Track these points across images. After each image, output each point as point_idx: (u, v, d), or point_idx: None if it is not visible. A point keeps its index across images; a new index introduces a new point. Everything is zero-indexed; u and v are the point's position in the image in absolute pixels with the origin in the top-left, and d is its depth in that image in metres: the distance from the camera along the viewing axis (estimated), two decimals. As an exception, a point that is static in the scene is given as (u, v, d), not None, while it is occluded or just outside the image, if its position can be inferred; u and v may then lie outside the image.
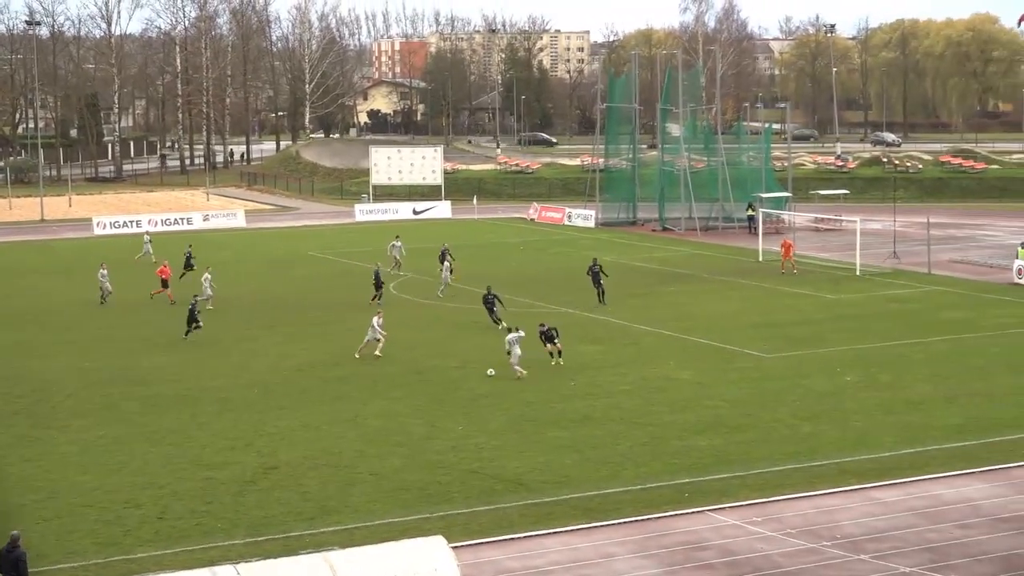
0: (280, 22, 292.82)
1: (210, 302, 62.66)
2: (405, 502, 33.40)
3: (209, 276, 64.12)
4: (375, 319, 52.04)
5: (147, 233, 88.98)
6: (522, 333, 48.36)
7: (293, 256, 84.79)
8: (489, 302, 57.16)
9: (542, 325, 50.43)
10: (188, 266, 71.71)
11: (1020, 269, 69.49)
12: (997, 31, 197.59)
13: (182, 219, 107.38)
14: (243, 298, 67.42)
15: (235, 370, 49.82)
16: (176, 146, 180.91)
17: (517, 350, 47.39)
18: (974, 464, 36.17)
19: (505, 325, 53.74)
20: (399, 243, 76.54)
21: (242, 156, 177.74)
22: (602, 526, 31.61)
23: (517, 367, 47.28)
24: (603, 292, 63.10)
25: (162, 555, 30.04)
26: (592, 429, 40.37)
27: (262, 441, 39.38)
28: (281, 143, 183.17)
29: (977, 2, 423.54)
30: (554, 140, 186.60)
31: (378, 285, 64.11)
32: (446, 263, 68.97)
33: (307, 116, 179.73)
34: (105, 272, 65.56)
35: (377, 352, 51.21)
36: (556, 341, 49.72)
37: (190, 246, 75.51)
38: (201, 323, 55.52)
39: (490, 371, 48.20)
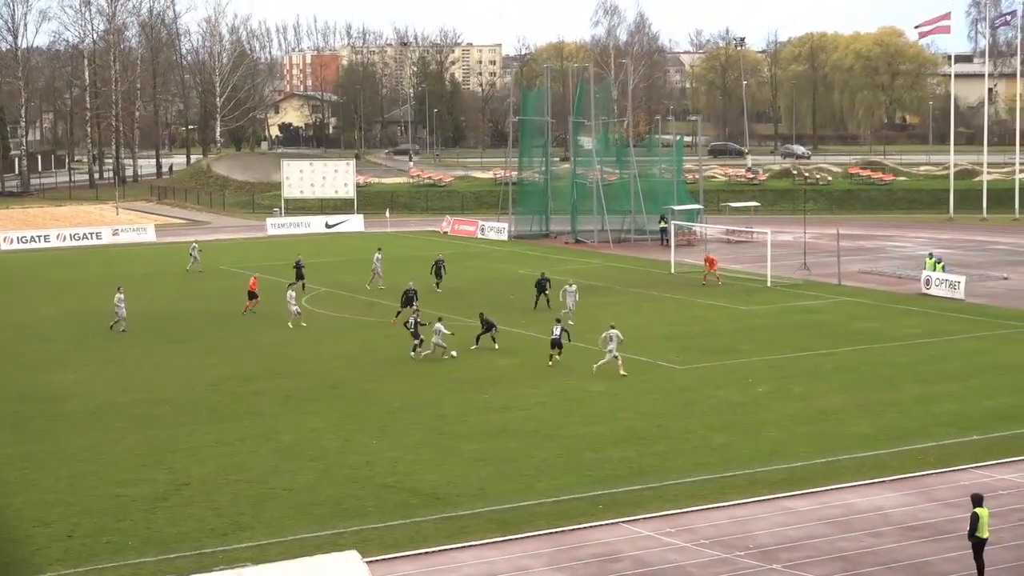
0: (190, 35, 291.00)
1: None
2: (319, 517, 33.24)
3: (121, 296, 61.71)
4: (437, 324, 53.47)
5: (195, 243, 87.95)
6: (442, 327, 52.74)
7: (204, 270, 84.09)
8: (487, 324, 56.15)
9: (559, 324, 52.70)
10: None
11: (928, 279, 70.39)
12: (904, 45, 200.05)
13: (91, 234, 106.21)
14: (154, 313, 66.81)
15: (146, 386, 49.36)
16: (97, 160, 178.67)
17: (437, 339, 52.42)
18: (885, 473, 36.59)
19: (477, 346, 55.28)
20: (379, 255, 75.89)
21: (170, 168, 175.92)
22: (517, 539, 31.64)
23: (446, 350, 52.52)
24: (548, 300, 64.27)
25: (72, 574, 29.72)
26: (507, 442, 40.41)
27: (173, 457, 39.04)
28: (192, 157, 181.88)
29: (883, 16, 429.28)
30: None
31: (409, 302, 61.37)
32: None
33: (218, 129, 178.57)
34: (122, 296, 61.36)
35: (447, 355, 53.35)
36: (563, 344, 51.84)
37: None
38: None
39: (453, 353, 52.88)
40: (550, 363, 51.64)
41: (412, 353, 53.77)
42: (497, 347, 54.95)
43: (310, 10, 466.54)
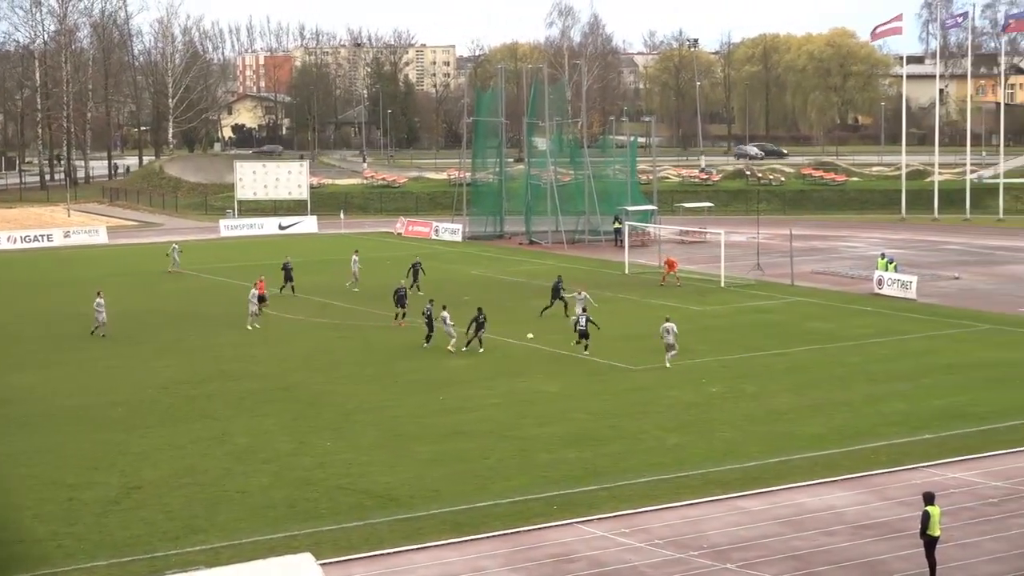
0: (142, 36, 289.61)
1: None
2: (273, 520, 33.16)
3: (101, 300, 60.53)
4: (442, 313, 54.74)
5: (175, 243, 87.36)
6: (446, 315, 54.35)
7: (157, 272, 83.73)
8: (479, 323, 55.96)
9: (584, 314, 54.83)
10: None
11: (880, 280, 70.82)
12: (855, 46, 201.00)
13: (42, 236, 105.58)
14: (108, 315, 66.41)
15: (99, 388, 49.11)
16: (48, 161, 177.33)
17: (448, 328, 53.85)
18: (836, 472, 36.80)
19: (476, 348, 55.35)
20: (356, 257, 75.81)
21: (127, 170, 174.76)
22: (472, 540, 31.65)
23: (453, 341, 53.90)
24: (565, 304, 63.38)
25: (24, 578, 29.55)
26: (461, 443, 40.41)
27: (126, 460, 38.85)
28: (144, 158, 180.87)
29: (835, 18, 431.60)
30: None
31: (400, 302, 62.45)
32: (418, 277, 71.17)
33: (170, 131, 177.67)
34: (101, 300, 60.52)
35: (450, 347, 54.27)
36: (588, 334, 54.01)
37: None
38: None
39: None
40: (585, 352, 53.56)
41: (426, 343, 55.63)
42: (482, 350, 54.90)
43: (263, 11, 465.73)
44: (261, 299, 64.17)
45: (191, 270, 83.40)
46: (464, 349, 54.81)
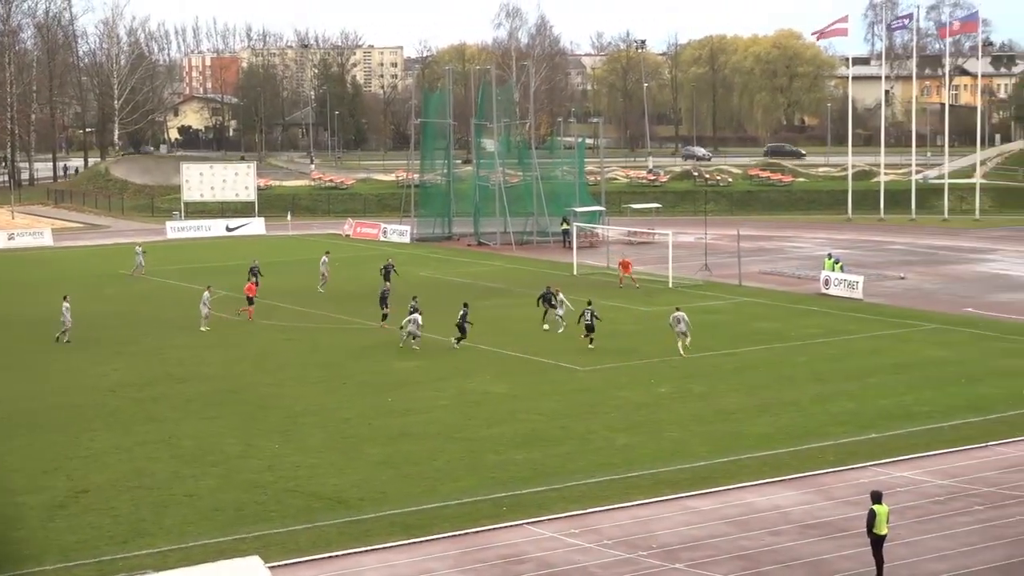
0: (87, 37, 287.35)
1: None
2: (221, 523, 33.04)
3: (67, 305, 59.57)
4: (415, 315, 55.61)
5: (139, 245, 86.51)
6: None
7: (103, 275, 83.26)
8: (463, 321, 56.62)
9: (589, 308, 56.30)
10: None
11: (827, 280, 71.24)
12: (801, 47, 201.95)
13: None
14: (51, 319, 65.93)
15: (44, 392, 48.75)
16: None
17: (410, 327, 54.45)
18: (784, 472, 37.02)
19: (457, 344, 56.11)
20: (327, 259, 75.71)
21: (76, 171, 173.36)
22: (421, 542, 31.64)
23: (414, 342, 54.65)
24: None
25: (-31, 584, 29.33)
26: (410, 445, 40.39)
27: (72, 464, 38.62)
28: (90, 160, 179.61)
29: (781, 19, 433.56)
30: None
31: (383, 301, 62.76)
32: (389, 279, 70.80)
33: (116, 132, 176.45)
34: (68, 306, 59.24)
35: (415, 346, 54.92)
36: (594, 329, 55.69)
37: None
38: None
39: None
40: (591, 346, 55.03)
41: (456, 344, 56.13)
42: (456, 347, 55.82)
43: (209, 12, 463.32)
44: (250, 301, 64.01)
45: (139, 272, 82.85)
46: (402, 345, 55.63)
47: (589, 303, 57.78)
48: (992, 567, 29.61)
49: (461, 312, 56.45)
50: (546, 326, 60.15)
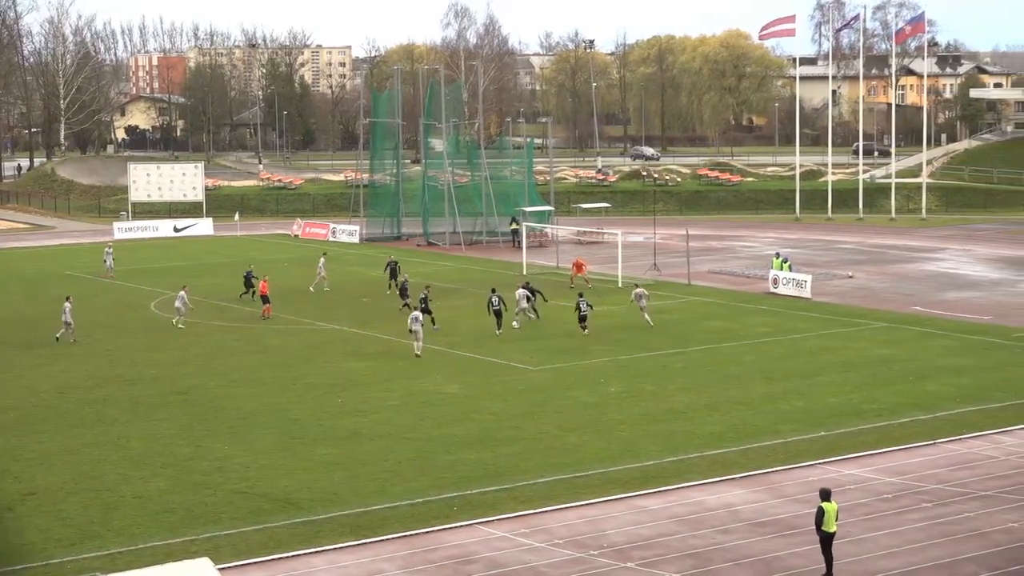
0: (32, 36, 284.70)
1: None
2: (170, 524, 32.89)
3: (69, 305, 58.75)
4: (415, 313, 54.78)
5: (110, 244, 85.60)
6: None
7: (49, 276, 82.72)
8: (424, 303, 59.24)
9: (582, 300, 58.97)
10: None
11: (776, 279, 71.58)
12: (749, 47, 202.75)
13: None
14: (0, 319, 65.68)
15: (-10, 394, 48.40)
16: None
17: (414, 326, 53.47)
18: (733, 470, 37.17)
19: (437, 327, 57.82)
20: (324, 259, 75.83)
21: (20, 169, 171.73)
22: (370, 543, 31.59)
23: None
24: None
25: (-85, 588, 29.07)
26: (361, 445, 40.34)
27: (19, 466, 38.35)
28: (35, 160, 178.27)
29: (729, 19, 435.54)
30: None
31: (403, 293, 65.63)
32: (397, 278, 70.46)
33: (62, 133, 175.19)
34: (70, 306, 58.68)
35: (417, 351, 53.68)
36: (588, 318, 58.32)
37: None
38: None
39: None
40: (585, 332, 57.94)
41: (511, 325, 59.28)
42: (437, 328, 58.20)
43: (156, 11, 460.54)
44: (265, 300, 63.83)
45: (85, 273, 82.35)
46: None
47: (581, 295, 59.93)
48: (940, 564, 29.83)
49: (422, 295, 59.07)
50: (515, 323, 60.27)
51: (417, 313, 54.63)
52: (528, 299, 61.06)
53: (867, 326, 60.82)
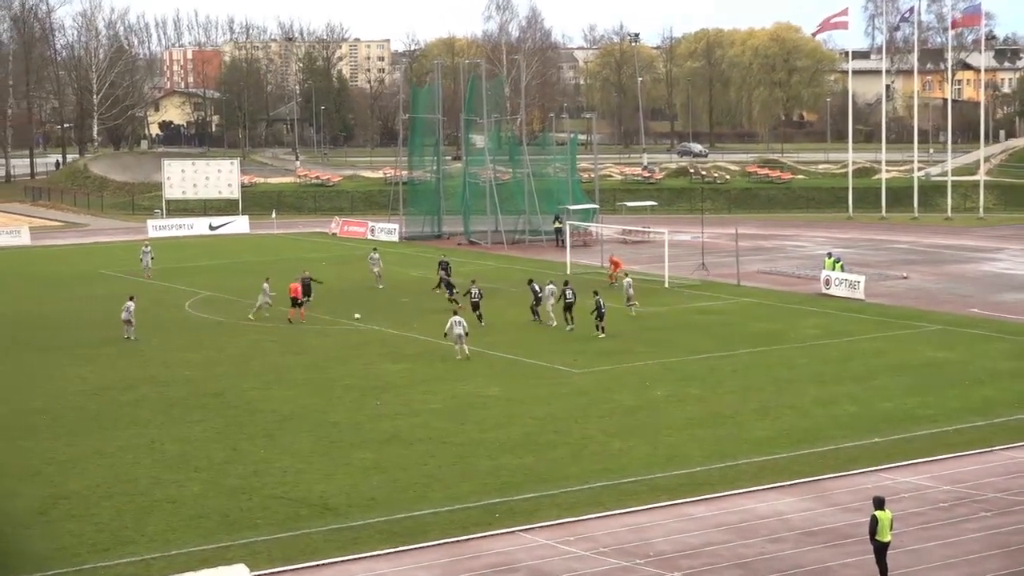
0: (65, 30, 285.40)
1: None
2: (205, 530, 32.99)
3: (131, 305, 59.71)
4: (455, 317, 54.59)
5: (147, 242, 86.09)
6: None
7: (82, 275, 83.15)
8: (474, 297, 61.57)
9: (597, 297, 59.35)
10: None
11: (828, 279, 71.25)
12: (800, 40, 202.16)
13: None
14: (28, 319, 66.01)
15: (21, 395, 48.64)
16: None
17: (458, 330, 53.30)
18: (784, 477, 36.99)
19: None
20: (376, 255, 76.40)
21: (57, 164, 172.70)
22: (410, 550, 31.60)
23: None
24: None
25: (-55, 593, 29.26)
26: (400, 449, 40.35)
27: (51, 470, 38.53)
28: (68, 156, 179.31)
29: (779, 12, 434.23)
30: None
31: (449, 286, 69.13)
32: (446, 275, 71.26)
33: (95, 128, 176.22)
34: (131, 306, 59.23)
35: (459, 355, 53.69)
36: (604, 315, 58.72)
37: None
38: None
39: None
40: (601, 335, 58.02)
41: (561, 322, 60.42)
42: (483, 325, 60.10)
43: (190, 4, 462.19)
44: (295, 303, 63.27)
45: (119, 272, 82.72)
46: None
47: (596, 292, 60.23)
48: None
49: (474, 291, 61.69)
50: (541, 319, 60.54)
51: (459, 317, 54.56)
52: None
53: (922, 328, 60.48)
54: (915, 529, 32.43)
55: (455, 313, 55.50)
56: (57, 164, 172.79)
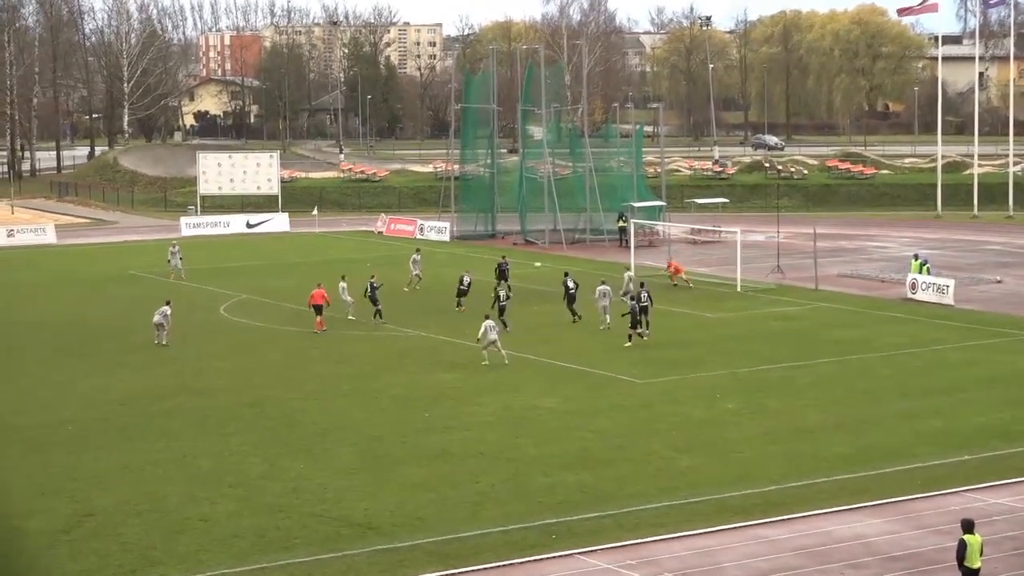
0: (94, 13, 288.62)
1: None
2: (240, 551, 33.11)
3: (167, 310, 60.37)
4: (487, 322, 54.77)
5: (175, 242, 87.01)
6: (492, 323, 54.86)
7: (111, 275, 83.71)
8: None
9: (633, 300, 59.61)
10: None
11: (914, 283, 70.85)
12: (885, 24, 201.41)
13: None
14: (53, 323, 66.48)
15: (44, 405, 48.98)
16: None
17: (492, 335, 53.64)
18: (865, 497, 36.77)
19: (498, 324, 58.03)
20: (418, 256, 77.27)
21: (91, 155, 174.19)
22: (460, 572, 31.61)
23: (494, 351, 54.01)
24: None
25: (-38, 616, 29.47)
26: (449, 465, 40.37)
27: (75, 485, 38.76)
28: (96, 149, 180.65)
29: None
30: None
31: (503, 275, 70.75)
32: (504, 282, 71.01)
33: (126, 119, 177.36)
34: (167, 310, 59.98)
35: (487, 359, 54.42)
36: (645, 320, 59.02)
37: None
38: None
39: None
40: (628, 342, 58.21)
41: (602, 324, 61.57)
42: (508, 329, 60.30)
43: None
44: (318, 310, 62.56)
45: (149, 273, 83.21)
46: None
47: (642, 284, 61.60)
48: (1100, 606, 29.39)
49: (504, 294, 63.59)
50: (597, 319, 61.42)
51: (491, 322, 54.73)
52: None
53: (1017, 337, 60.07)
54: (1008, 555, 32.20)
55: (487, 317, 55.56)
56: (90, 155, 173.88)
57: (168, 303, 60.47)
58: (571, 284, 64.50)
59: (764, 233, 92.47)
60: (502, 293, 62.60)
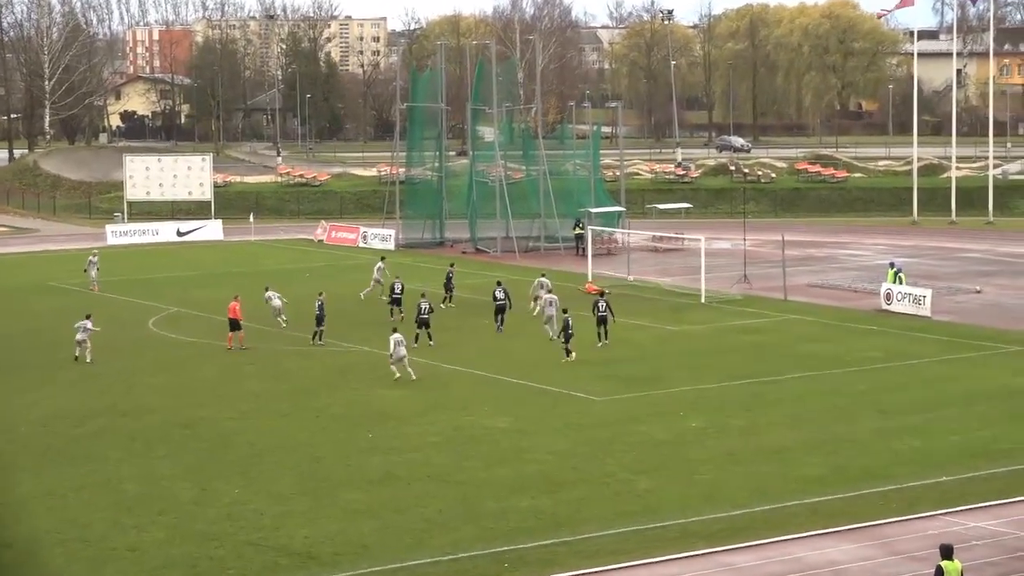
0: (12, 6, 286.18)
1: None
2: (170, 582, 33.00)
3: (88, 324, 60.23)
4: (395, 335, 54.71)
5: (95, 250, 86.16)
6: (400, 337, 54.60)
7: (31, 287, 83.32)
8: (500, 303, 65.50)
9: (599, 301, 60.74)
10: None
11: (889, 294, 71.15)
12: (858, 19, 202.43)
13: None
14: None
15: (-40, 427, 48.75)
16: None
17: (401, 351, 53.57)
18: (838, 521, 36.89)
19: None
20: (383, 264, 77.07)
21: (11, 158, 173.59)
22: (406, 605, 31.61)
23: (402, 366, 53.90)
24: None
25: None
26: (395, 489, 40.33)
27: (-6, 512, 38.61)
28: (15, 152, 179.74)
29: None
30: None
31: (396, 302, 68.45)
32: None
33: (47, 119, 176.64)
34: (87, 324, 59.55)
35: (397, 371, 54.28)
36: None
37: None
38: None
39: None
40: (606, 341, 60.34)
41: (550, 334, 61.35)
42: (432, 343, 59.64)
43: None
44: (234, 326, 62.31)
45: (70, 284, 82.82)
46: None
47: (601, 293, 62.93)
48: (1085, 635, 29.58)
49: (424, 306, 62.09)
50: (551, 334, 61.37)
51: (399, 335, 54.68)
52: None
53: (998, 350, 60.43)
54: (989, 582, 32.38)
55: (395, 331, 55.45)
56: (9, 158, 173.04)
57: (88, 317, 60.15)
58: (500, 295, 65.57)
59: (730, 240, 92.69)
60: (424, 305, 62.10)
